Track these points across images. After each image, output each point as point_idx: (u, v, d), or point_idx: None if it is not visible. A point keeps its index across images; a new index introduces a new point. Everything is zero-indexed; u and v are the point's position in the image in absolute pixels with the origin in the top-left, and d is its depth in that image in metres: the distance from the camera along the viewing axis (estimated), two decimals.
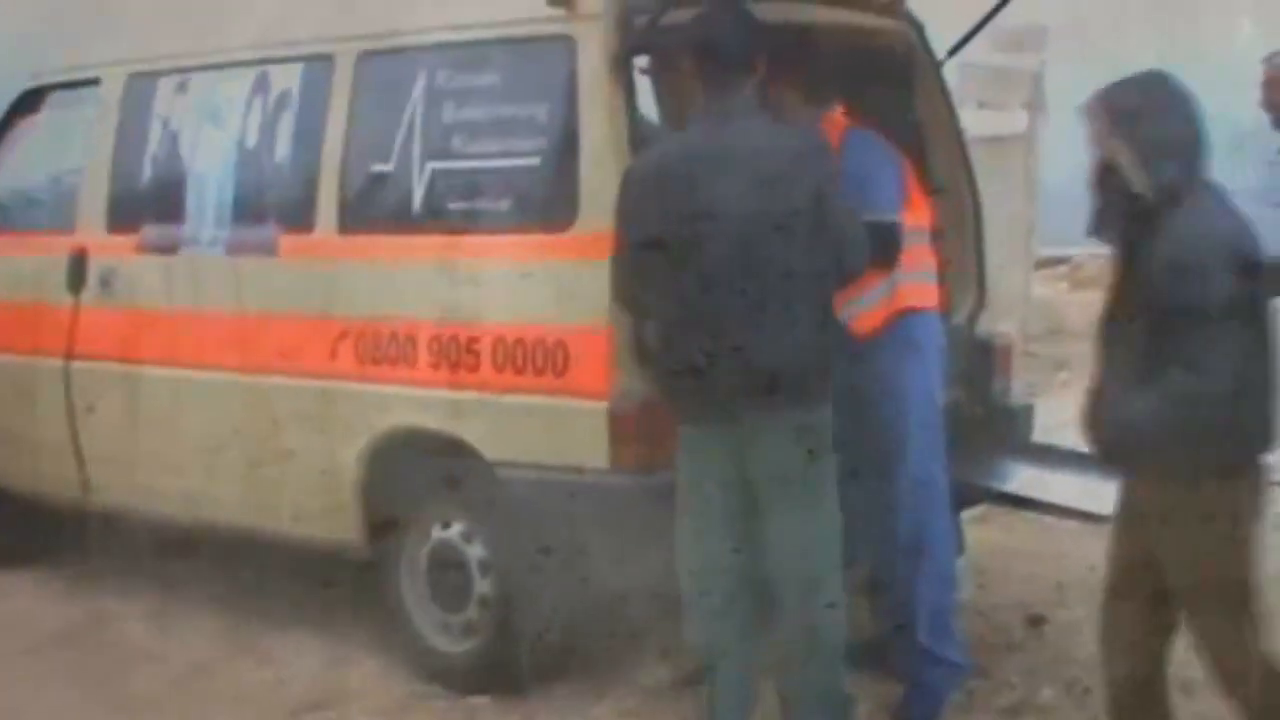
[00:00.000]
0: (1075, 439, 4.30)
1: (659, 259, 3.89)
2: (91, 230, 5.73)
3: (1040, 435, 5.31)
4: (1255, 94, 4.87)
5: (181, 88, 5.57)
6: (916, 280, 4.42)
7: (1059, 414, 5.18)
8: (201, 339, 5.33)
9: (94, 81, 5.88)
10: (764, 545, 3.93)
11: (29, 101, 6.24)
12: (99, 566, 5.97)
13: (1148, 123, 3.40)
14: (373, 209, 4.96)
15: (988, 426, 5.04)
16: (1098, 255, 10.26)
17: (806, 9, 4.65)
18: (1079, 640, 4.77)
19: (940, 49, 5.14)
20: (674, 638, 4.35)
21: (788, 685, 4.00)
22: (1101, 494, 4.27)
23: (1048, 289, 11.96)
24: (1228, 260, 3.23)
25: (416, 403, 4.76)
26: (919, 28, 5.12)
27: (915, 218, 4.43)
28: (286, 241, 5.11)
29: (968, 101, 7.59)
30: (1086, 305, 8.08)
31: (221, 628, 5.49)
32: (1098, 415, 3.39)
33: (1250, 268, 3.26)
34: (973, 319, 5.13)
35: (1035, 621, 5.09)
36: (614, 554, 4.35)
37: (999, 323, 5.37)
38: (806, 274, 3.85)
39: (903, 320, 4.36)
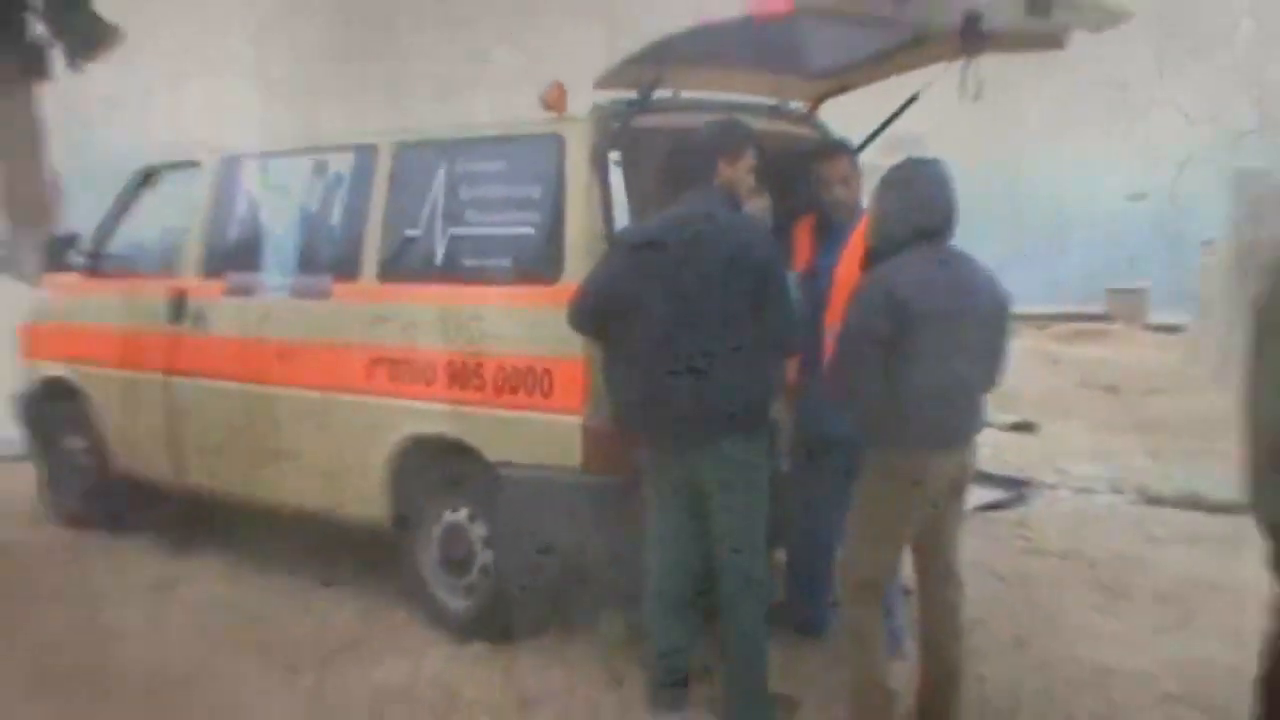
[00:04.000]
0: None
1: (629, 314, 4.12)
2: (190, 276, 6.15)
3: None
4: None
5: (262, 168, 6.04)
6: None
7: None
8: (271, 362, 5.68)
9: (195, 163, 6.33)
10: (710, 538, 4.25)
11: (145, 178, 6.69)
12: (187, 538, 6.39)
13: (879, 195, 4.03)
14: (404, 263, 5.25)
15: None
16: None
17: (747, 119, 4.75)
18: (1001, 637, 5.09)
19: None
20: (628, 601, 4.66)
21: (724, 630, 4.29)
22: None
23: None
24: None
25: (434, 415, 5.05)
26: (827, 134, 5.45)
27: None
28: (338, 287, 5.46)
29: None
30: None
31: (277, 585, 5.84)
32: None
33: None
34: None
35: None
36: (585, 536, 4.68)
37: None
38: (747, 334, 4.08)
39: None
